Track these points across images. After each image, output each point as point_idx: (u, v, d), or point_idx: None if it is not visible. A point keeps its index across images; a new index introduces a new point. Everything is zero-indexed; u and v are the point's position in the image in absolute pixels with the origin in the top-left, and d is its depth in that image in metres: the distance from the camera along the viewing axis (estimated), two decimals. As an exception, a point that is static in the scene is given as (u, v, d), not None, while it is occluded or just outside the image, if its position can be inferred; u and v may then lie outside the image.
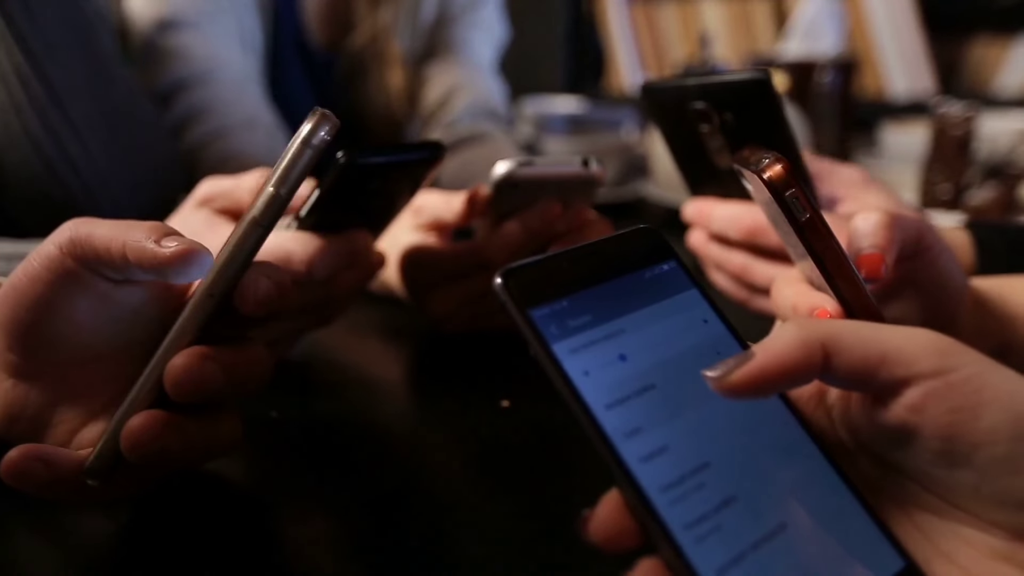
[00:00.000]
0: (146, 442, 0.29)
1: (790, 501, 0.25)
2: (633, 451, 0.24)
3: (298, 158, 0.30)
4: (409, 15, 0.96)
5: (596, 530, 0.24)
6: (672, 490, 0.24)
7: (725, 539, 0.23)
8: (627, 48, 1.82)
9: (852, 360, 0.24)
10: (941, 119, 0.81)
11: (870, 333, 0.24)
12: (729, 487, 0.24)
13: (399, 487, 0.37)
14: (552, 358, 0.25)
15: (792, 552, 0.24)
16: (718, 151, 0.49)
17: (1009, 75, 1.57)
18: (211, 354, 0.30)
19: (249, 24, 0.86)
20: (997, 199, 0.80)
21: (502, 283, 0.26)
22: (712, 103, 0.46)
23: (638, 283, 0.28)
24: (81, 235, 0.32)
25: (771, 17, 1.67)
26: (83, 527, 0.35)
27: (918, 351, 0.23)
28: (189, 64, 0.80)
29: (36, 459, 0.31)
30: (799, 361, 0.24)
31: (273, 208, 0.30)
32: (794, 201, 0.33)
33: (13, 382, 0.33)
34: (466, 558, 0.32)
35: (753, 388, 0.24)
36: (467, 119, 0.92)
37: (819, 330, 0.24)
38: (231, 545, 0.33)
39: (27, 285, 0.32)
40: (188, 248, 0.30)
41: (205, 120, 0.79)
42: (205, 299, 0.30)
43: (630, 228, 0.30)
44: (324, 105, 1.10)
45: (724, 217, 0.50)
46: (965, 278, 0.40)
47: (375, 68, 0.94)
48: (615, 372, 0.26)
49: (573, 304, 0.26)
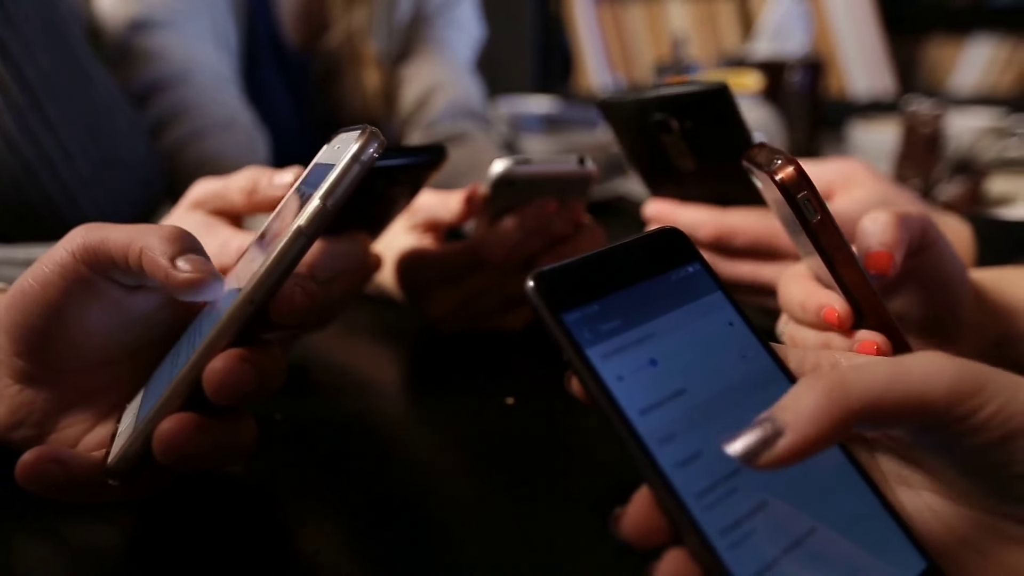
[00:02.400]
0: (179, 445, 0.29)
1: (817, 504, 0.25)
2: (668, 457, 0.24)
3: (346, 173, 0.30)
4: (384, 15, 0.96)
5: (628, 528, 0.24)
6: (707, 496, 0.24)
7: (758, 544, 0.24)
8: (595, 48, 1.83)
9: (888, 418, 0.23)
10: (911, 117, 0.84)
11: (900, 385, 0.23)
12: (759, 492, 0.25)
13: (406, 486, 0.37)
14: (587, 363, 0.25)
15: (821, 556, 0.24)
16: (679, 156, 0.50)
17: (963, 74, 1.62)
18: (248, 356, 0.30)
19: (223, 24, 0.85)
20: (965, 194, 0.83)
21: (534, 287, 0.25)
22: (673, 114, 0.47)
23: (665, 286, 0.28)
24: (94, 240, 0.31)
25: (736, 18, 1.70)
26: (81, 528, 0.34)
27: (941, 395, 0.23)
28: (165, 64, 0.79)
29: (52, 461, 0.31)
30: (831, 436, 0.23)
31: (319, 220, 0.30)
32: (806, 203, 0.33)
33: (19, 387, 0.33)
34: (473, 556, 0.32)
35: (781, 467, 0.23)
36: (447, 119, 0.92)
37: (850, 398, 0.23)
38: (235, 545, 0.33)
39: (38, 291, 0.32)
40: (201, 278, 0.30)
41: (183, 121, 0.78)
42: (245, 305, 0.30)
43: (654, 230, 0.29)
44: (300, 105, 1.09)
45: (689, 221, 0.52)
46: (966, 272, 0.41)
47: (351, 68, 0.93)
48: (647, 377, 0.25)
49: (603, 308, 0.26)
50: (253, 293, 0.30)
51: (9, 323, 0.32)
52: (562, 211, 0.52)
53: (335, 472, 0.38)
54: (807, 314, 0.38)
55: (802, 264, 0.42)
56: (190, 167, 0.77)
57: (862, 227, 0.38)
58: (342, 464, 0.39)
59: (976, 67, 1.61)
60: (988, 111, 1.10)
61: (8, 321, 0.32)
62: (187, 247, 0.31)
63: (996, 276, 0.44)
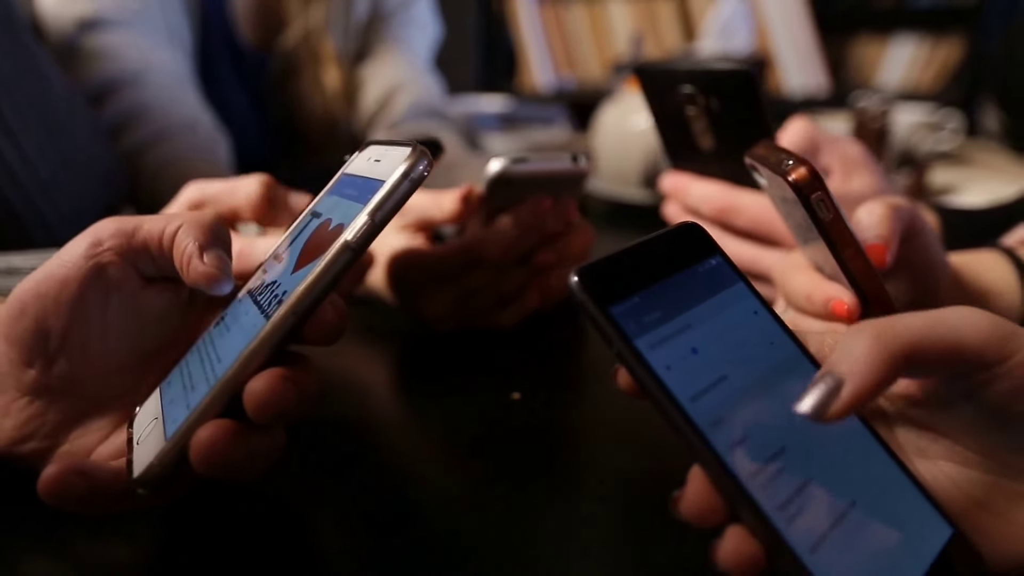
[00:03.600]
0: (218, 453, 0.29)
1: (852, 480, 0.27)
2: (722, 440, 0.25)
3: (395, 189, 0.30)
4: (341, 13, 0.94)
5: (688, 508, 0.25)
6: (759, 476, 0.25)
7: (809, 520, 0.25)
8: (538, 47, 1.85)
9: (929, 361, 0.25)
10: (861, 113, 0.88)
11: (939, 329, 0.25)
12: (803, 470, 0.26)
13: (416, 484, 0.37)
14: (637, 354, 0.26)
15: (863, 529, 0.26)
16: (701, 133, 0.52)
17: (888, 72, 1.70)
18: (289, 375, 0.29)
19: (177, 23, 0.82)
20: (910, 186, 0.87)
21: (579, 282, 0.26)
22: (700, 88, 0.49)
23: (694, 278, 0.29)
24: (130, 226, 0.33)
25: (676, 18, 1.74)
26: (89, 541, 0.33)
27: (974, 340, 0.25)
28: (119, 65, 0.76)
29: (76, 473, 0.30)
30: (886, 379, 0.24)
31: (367, 235, 0.30)
32: (819, 202, 0.35)
33: (28, 399, 0.32)
34: (481, 551, 0.32)
35: (849, 413, 0.24)
36: (412, 119, 0.92)
37: (897, 341, 0.25)
38: (239, 545, 0.33)
39: (58, 289, 0.31)
40: (217, 275, 0.31)
41: (142, 123, 0.75)
42: (288, 317, 0.30)
43: (677, 225, 0.30)
44: (258, 105, 1.07)
45: (698, 194, 0.54)
46: (946, 257, 0.43)
47: (310, 67, 0.92)
48: (691, 365, 0.26)
49: (643, 301, 0.27)
50: (296, 305, 0.30)
51: (19, 332, 0.31)
52: (556, 208, 0.52)
53: (345, 474, 0.38)
54: (813, 305, 0.39)
55: (798, 254, 0.44)
56: (152, 170, 0.75)
57: (858, 219, 0.40)
58: (349, 461, 0.39)
59: (900, 65, 1.70)
60: (919, 107, 1.16)
61: (17, 329, 0.31)
62: (217, 239, 0.32)
63: (972, 260, 0.47)
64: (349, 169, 0.36)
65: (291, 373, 0.30)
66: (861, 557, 0.25)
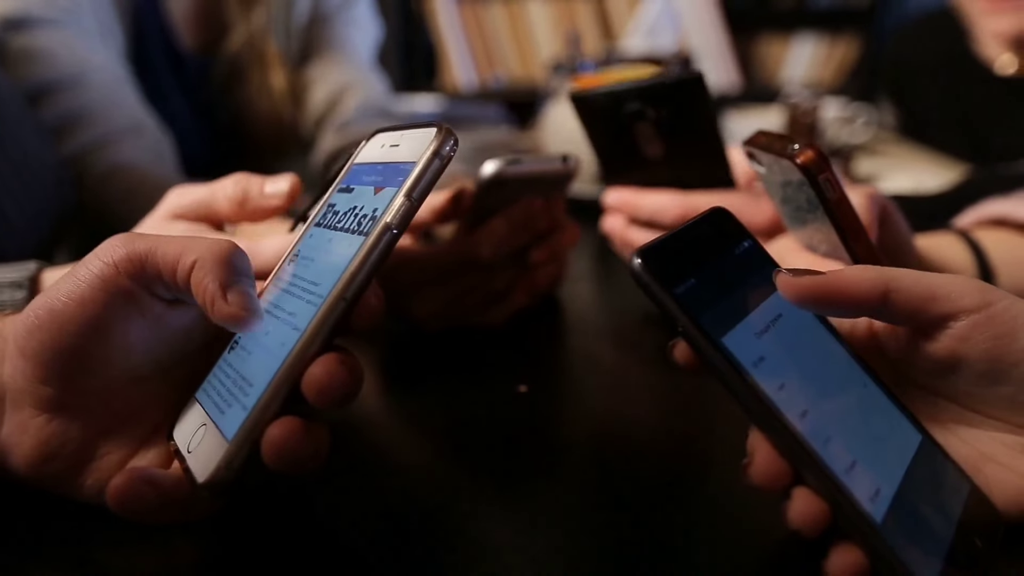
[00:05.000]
0: (292, 449, 0.29)
1: (896, 445, 0.30)
2: (789, 408, 0.28)
3: (428, 168, 0.31)
4: (282, 15, 0.92)
5: (757, 474, 0.28)
6: (818, 439, 0.28)
7: (865, 474, 0.28)
8: (458, 46, 1.85)
9: (908, 297, 0.28)
10: (793, 108, 0.93)
11: (921, 276, 0.29)
12: (848, 435, 0.29)
13: (424, 481, 0.38)
14: (703, 332, 0.28)
15: (906, 484, 0.29)
16: (647, 144, 0.53)
17: (791, 69, 1.80)
18: (345, 360, 0.29)
19: (109, 24, 0.78)
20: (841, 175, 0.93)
21: (642, 265, 0.28)
22: (650, 103, 0.50)
23: (735, 259, 0.31)
24: (141, 250, 0.30)
25: (594, 17, 1.78)
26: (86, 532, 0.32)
27: (962, 290, 0.29)
28: (53, 67, 0.72)
29: (145, 482, 0.29)
30: (864, 291, 0.28)
31: (406, 215, 0.31)
32: (826, 183, 0.37)
33: (47, 417, 0.31)
34: (490, 544, 0.33)
35: (814, 299, 0.29)
36: (361, 120, 0.91)
37: (882, 269, 0.29)
38: (239, 545, 0.33)
39: (74, 309, 0.30)
40: (246, 317, 0.29)
41: (86, 127, 0.71)
42: (338, 302, 0.30)
43: (708, 210, 0.33)
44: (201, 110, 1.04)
45: (653, 205, 0.55)
46: (913, 240, 0.47)
47: (255, 70, 0.89)
48: (746, 338, 0.29)
49: (699, 281, 0.29)
50: (344, 290, 0.30)
51: (34, 347, 0.30)
52: (546, 208, 0.53)
53: (345, 474, 0.38)
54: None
55: (788, 238, 0.47)
56: (98, 175, 0.71)
57: None
58: (353, 461, 0.39)
59: (802, 62, 1.80)
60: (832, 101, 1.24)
61: (33, 345, 0.30)
62: (239, 272, 0.30)
63: (934, 243, 0.52)
64: (360, 159, 0.36)
65: (347, 358, 0.30)
66: (910, 508, 0.28)
